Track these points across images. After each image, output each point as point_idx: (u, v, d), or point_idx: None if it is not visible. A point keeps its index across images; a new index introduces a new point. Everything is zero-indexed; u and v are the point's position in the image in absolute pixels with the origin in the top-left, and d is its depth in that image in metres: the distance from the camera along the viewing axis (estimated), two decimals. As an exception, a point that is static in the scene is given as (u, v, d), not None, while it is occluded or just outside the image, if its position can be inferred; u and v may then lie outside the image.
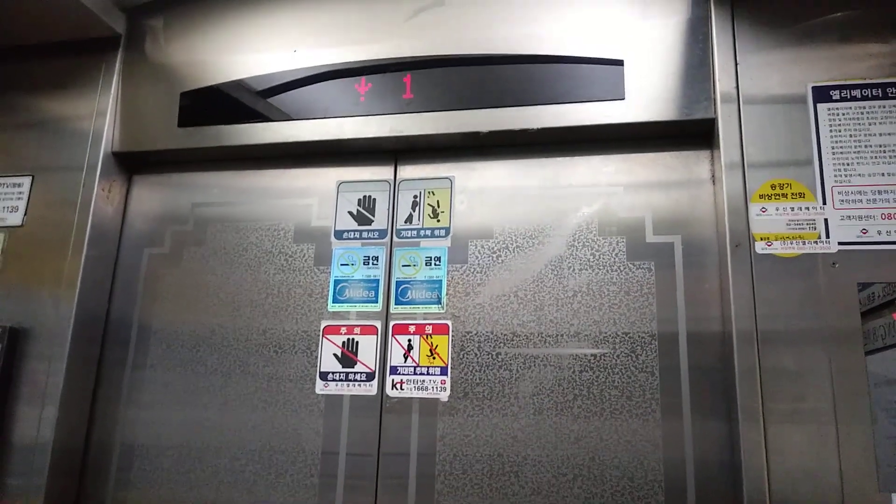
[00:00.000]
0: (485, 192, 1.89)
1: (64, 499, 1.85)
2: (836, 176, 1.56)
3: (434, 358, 1.77)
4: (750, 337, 1.51)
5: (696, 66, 1.72)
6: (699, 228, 1.72)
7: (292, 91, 1.96)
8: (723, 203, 1.61)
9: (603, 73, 1.77)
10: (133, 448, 1.90)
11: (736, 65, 1.67)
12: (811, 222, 1.54)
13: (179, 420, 1.89)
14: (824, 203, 1.55)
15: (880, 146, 1.56)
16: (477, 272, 1.82)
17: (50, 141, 2.05)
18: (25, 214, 1.99)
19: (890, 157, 1.55)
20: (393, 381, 1.78)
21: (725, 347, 1.60)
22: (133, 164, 2.12)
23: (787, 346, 1.49)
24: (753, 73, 1.65)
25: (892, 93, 1.58)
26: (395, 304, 1.84)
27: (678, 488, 1.59)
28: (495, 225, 1.85)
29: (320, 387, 1.82)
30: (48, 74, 2.12)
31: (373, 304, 1.85)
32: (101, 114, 2.04)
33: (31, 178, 2.02)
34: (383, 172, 1.97)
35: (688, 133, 1.77)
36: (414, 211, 1.91)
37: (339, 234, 1.93)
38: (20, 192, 2.01)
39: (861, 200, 1.53)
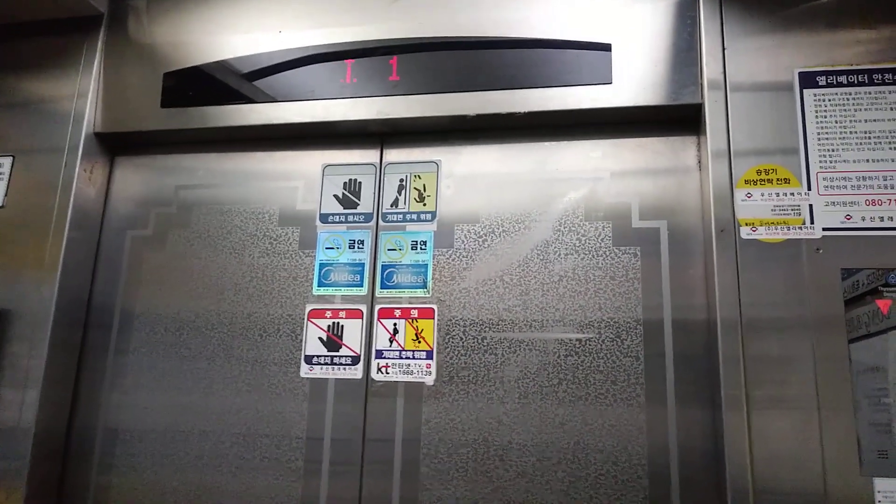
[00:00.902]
0: (471, 176, 1.88)
1: (47, 483, 1.84)
2: (821, 162, 1.56)
3: (419, 342, 1.76)
4: (734, 323, 1.51)
5: (684, 51, 1.71)
6: (685, 214, 1.72)
7: (277, 72, 1.94)
8: (708, 188, 1.61)
9: (590, 56, 1.76)
10: (116, 432, 1.89)
11: (723, 50, 1.66)
12: (796, 208, 1.54)
13: (163, 404, 1.88)
14: (809, 189, 1.55)
15: (865, 132, 1.56)
16: (463, 257, 1.81)
17: (31, 121, 2.02)
18: (6, 195, 1.96)
19: (875, 143, 1.55)
20: (378, 364, 1.77)
21: (710, 333, 1.60)
22: (115, 145, 2.09)
23: (771, 333, 1.49)
24: (741, 58, 1.65)
25: (877, 79, 1.58)
26: (381, 288, 1.83)
27: (662, 473, 1.59)
28: (481, 209, 1.84)
29: (305, 370, 1.81)
30: (29, 54, 2.08)
31: (358, 288, 1.84)
32: (83, 94, 2.01)
33: (11, 158, 1.99)
34: (369, 156, 1.95)
35: (675, 118, 1.76)
36: (400, 195, 1.89)
37: (324, 218, 1.92)
38: (1, 173, 1.98)
39: (846, 186, 1.54)
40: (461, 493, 1.67)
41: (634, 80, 1.72)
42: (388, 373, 1.76)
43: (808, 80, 1.61)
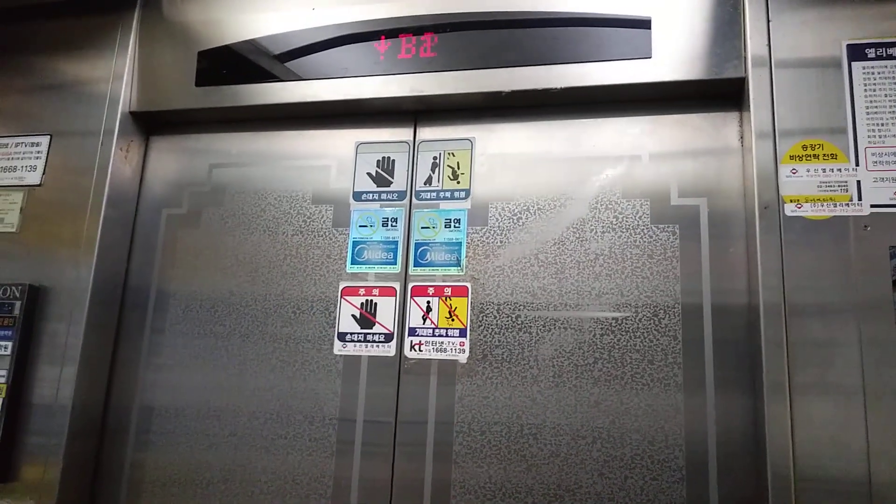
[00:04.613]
0: (506, 153, 1.85)
1: (83, 459, 1.86)
2: (869, 137, 1.51)
3: (453, 320, 1.75)
4: (777, 305, 1.47)
5: (727, 24, 1.66)
6: (727, 191, 1.68)
7: (311, 50, 1.92)
8: (752, 165, 1.56)
9: (630, 31, 1.71)
10: (152, 409, 1.91)
11: (768, 22, 1.61)
12: (843, 184, 1.49)
13: (198, 381, 1.89)
14: (857, 164, 1.50)
15: (917, 106, 1.51)
16: (497, 234, 1.79)
17: (67, 101, 2.04)
18: (44, 175, 1.99)
19: (927, 117, 1.50)
20: (411, 342, 1.76)
21: (751, 313, 1.56)
22: (151, 124, 2.10)
23: (816, 315, 1.45)
24: (786, 31, 1.60)
25: (930, 51, 1.53)
26: (414, 265, 1.81)
27: (699, 453, 1.57)
28: (516, 187, 1.82)
29: (338, 347, 1.81)
30: (65, 34, 2.10)
31: (391, 266, 1.83)
32: (119, 73, 2.02)
33: (49, 137, 2.01)
34: (403, 133, 1.93)
35: (716, 93, 1.71)
36: (433, 172, 1.88)
37: (357, 196, 1.91)
38: (38, 152, 2.00)
39: (895, 162, 1.49)
40: (494, 471, 1.66)
41: (675, 53, 1.68)
42: (421, 350, 1.75)
43: (856, 52, 1.56)
